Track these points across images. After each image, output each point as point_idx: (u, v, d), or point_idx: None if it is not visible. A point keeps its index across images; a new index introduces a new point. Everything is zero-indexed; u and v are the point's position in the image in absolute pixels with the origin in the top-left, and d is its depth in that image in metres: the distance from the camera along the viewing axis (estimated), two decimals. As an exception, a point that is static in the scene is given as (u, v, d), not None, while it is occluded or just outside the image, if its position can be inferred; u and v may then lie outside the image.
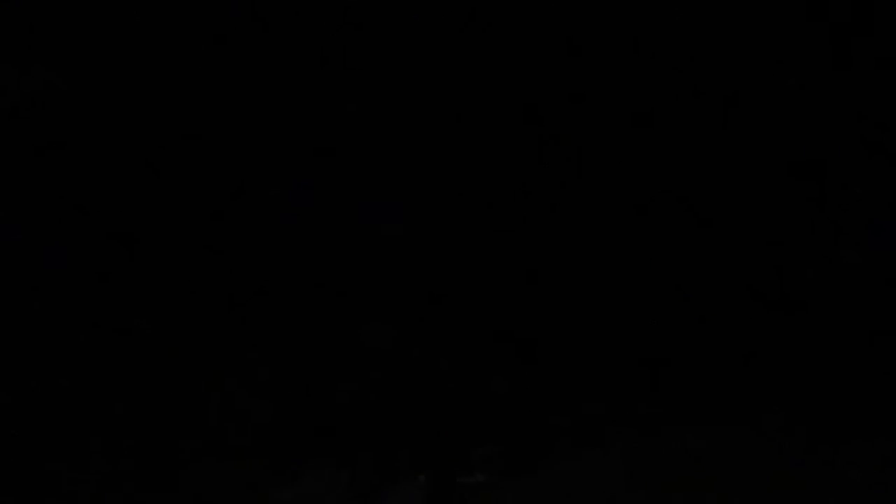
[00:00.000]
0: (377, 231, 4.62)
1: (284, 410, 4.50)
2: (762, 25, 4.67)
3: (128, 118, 4.66)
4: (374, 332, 4.44)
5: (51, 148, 4.60)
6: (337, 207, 4.69)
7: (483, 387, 4.45)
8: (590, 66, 4.71)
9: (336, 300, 4.52)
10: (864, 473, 4.00)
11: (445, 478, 4.29)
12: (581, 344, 4.61)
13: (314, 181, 4.71)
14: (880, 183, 4.63)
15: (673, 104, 4.69)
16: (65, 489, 4.23)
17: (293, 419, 4.48)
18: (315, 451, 4.43)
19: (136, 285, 4.62)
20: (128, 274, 4.63)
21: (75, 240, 4.62)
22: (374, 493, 4.28)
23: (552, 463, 4.27)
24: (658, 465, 4.19)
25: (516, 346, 4.54)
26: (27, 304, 4.52)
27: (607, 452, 4.30)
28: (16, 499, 4.20)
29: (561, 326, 4.64)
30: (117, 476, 4.27)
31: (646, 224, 4.71)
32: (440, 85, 4.72)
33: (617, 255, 4.69)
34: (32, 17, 4.54)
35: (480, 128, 4.70)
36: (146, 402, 4.45)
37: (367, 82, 4.70)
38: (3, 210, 4.56)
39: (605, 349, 4.61)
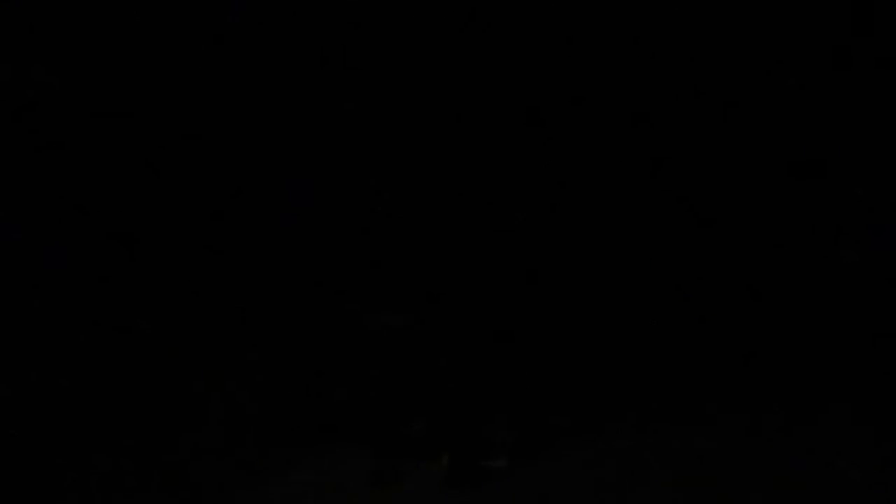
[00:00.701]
0: (381, 229, 4.65)
1: (305, 393, 4.57)
2: (762, 26, 4.70)
3: (127, 118, 4.62)
4: (391, 318, 4.48)
5: (51, 148, 4.56)
6: (336, 205, 4.70)
7: (498, 374, 4.52)
8: (591, 66, 4.72)
9: (351, 288, 4.58)
10: (863, 473, 4.10)
11: (467, 461, 4.33)
12: (582, 343, 4.69)
13: (314, 180, 4.71)
14: (880, 183, 4.72)
15: (673, 104, 4.73)
16: (65, 487, 4.23)
17: (314, 401, 4.56)
18: (337, 433, 4.49)
19: (137, 284, 4.62)
20: (128, 273, 4.62)
21: (75, 240, 4.59)
22: (395, 474, 4.35)
23: (553, 458, 4.34)
24: (660, 464, 4.22)
25: (520, 341, 4.63)
26: (27, 304, 4.51)
27: (609, 450, 4.35)
28: (17, 497, 4.19)
29: (562, 324, 4.70)
30: (118, 474, 4.29)
31: (646, 224, 4.75)
32: (440, 84, 4.71)
33: (619, 254, 4.74)
34: (32, 17, 4.47)
35: (482, 127, 4.70)
36: (150, 399, 4.47)
37: (366, 82, 4.69)
38: (4, 210, 4.52)
39: (606, 348, 4.69)
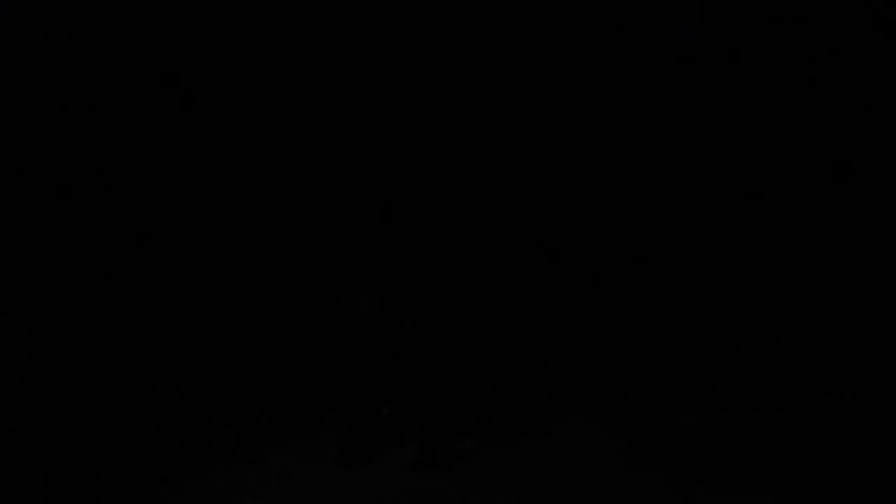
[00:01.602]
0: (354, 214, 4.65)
1: (276, 378, 4.57)
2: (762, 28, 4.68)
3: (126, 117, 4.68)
4: (361, 301, 4.45)
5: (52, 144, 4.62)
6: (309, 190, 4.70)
7: (471, 353, 4.48)
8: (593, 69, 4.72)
9: (325, 272, 4.57)
10: (863, 448, 4.03)
11: (435, 443, 4.30)
12: (575, 324, 4.65)
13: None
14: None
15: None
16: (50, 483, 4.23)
17: (286, 386, 4.55)
18: (308, 417, 4.51)
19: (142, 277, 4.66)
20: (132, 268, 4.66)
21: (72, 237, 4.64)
22: (364, 457, 4.31)
23: (551, 438, 4.31)
24: (659, 441, 4.20)
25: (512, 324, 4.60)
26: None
27: (608, 427, 4.35)
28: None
29: (551, 307, 4.68)
30: (102, 462, 4.29)
31: (636, 214, 4.74)
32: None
33: (600, 237, 4.72)
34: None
35: (463, 124, 4.71)
36: (128, 391, 4.47)
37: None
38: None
39: (602, 329, 4.65)
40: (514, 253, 4.68)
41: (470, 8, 4.63)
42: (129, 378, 4.48)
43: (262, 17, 4.65)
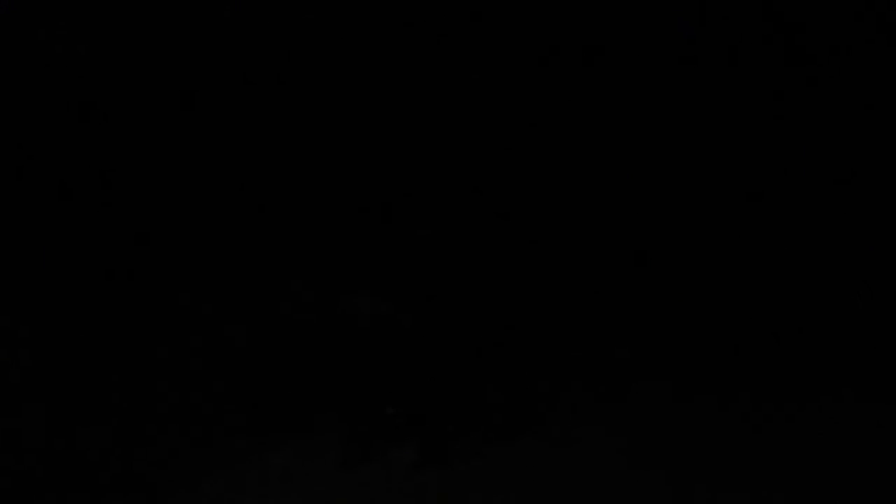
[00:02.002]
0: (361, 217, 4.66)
1: (274, 376, 4.57)
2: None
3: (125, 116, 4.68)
4: (361, 301, 4.46)
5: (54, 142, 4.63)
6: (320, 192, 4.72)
7: (471, 353, 4.49)
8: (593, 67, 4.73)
9: (325, 272, 4.58)
10: (863, 448, 4.03)
11: (437, 441, 4.30)
12: (579, 326, 4.66)
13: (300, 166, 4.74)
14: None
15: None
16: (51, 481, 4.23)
17: (283, 385, 4.54)
18: (305, 417, 4.50)
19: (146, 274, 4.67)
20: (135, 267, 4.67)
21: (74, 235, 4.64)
22: (364, 458, 4.31)
23: (551, 438, 4.31)
24: (659, 441, 4.21)
25: (512, 323, 4.61)
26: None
27: (608, 427, 4.35)
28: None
29: (552, 309, 4.69)
30: (103, 462, 4.30)
31: (634, 216, 4.74)
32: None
33: (608, 244, 4.74)
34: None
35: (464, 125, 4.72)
36: (130, 391, 4.48)
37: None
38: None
39: (602, 329, 4.66)
40: (514, 253, 4.69)
41: (469, 9, 4.64)
42: (129, 378, 4.49)
43: (262, 17, 4.65)
